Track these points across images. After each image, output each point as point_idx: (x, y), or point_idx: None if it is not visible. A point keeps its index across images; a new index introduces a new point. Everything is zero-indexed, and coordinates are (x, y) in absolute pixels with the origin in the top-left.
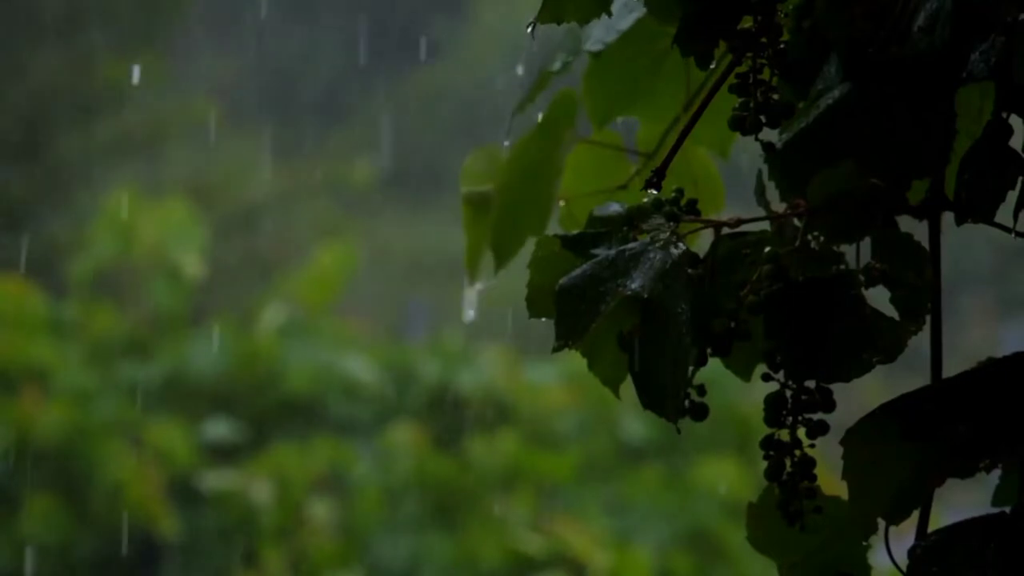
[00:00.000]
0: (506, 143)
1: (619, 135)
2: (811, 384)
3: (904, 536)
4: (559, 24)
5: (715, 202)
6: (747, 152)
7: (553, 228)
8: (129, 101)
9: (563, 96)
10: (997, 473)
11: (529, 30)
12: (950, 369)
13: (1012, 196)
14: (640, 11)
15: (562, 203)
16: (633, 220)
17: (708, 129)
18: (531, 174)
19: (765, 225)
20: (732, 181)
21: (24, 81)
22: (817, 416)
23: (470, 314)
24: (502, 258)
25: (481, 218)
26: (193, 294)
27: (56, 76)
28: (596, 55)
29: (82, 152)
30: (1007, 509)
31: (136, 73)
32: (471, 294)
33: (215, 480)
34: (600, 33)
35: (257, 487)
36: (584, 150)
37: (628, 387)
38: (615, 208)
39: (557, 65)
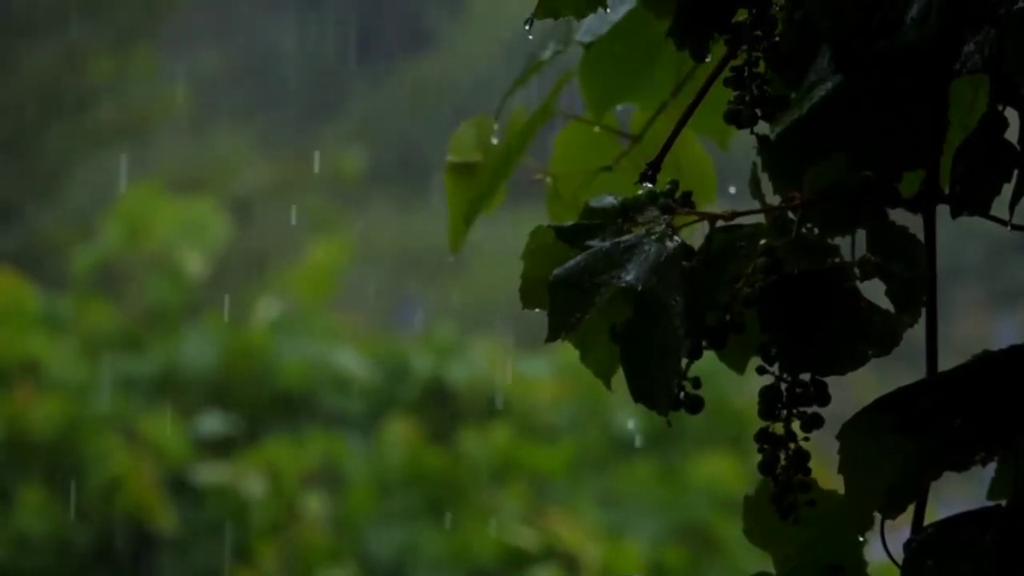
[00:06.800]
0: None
1: (614, 116)
2: (806, 377)
3: (899, 530)
4: (555, 19)
5: (705, 192)
6: (744, 144)
7: (539, 208)
8: (119, 94)
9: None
10: (993, 467)
11: (527, 26)
12: (944, 362)
13: (1007, 189)
14: (632, 2)
15: (548, 180)
16: (628, 212)
17: (708, 119)
18: (516, 151)
19: (760, 218)
20: (729, 173)
21: (14, 75)
22: (812, 410)
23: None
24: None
25: (464, 189)
26: (191, 290)
27: (46, 69)
28: (587, 46)
29: (71, 145)
30: (1003, 502)
31: (125, 66)
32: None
33: (208, 474)
34: (593, 24)
35: (250, 481)
36: (574, 129)
37: (621, 380)
38: (610, 200)
39: (548, 54)
